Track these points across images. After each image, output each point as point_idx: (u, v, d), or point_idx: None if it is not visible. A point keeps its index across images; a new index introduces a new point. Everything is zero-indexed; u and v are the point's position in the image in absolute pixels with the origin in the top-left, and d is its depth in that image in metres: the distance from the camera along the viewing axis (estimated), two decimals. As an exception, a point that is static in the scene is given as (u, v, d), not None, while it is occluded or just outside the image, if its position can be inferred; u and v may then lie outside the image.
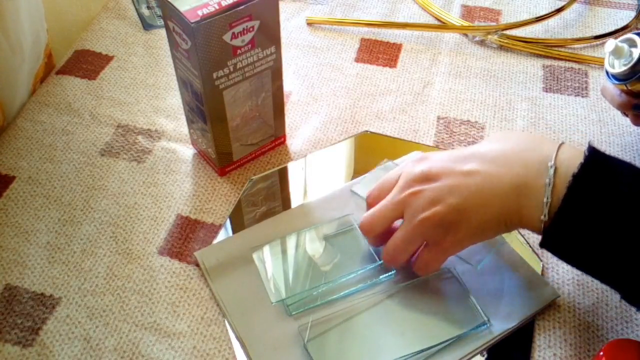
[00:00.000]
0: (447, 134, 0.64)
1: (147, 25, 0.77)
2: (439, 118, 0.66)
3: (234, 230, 0.55)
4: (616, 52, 0.51)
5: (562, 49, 0.73)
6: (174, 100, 0.67)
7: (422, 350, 0.47)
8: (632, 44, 0.51)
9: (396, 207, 0.47)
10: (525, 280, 0.51)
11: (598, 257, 0.42)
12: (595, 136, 0.63)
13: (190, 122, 0.59)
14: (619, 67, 0.51)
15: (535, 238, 0.55)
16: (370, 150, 0.63)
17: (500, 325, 0.48)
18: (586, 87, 0.69)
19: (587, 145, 0.43)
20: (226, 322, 0.50)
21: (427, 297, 0.50)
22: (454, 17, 0.77)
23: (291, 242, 0.54)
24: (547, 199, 0.42)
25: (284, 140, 0.63)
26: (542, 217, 0.42)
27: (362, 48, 0.74)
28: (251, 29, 0.50)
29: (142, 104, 0.67)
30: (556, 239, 0.43)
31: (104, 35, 0.75)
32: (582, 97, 0.68)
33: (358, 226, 0.54)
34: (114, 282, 0.52)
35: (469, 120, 0.65)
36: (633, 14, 0.78)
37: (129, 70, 0.71)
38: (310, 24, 0.77)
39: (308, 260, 0.53)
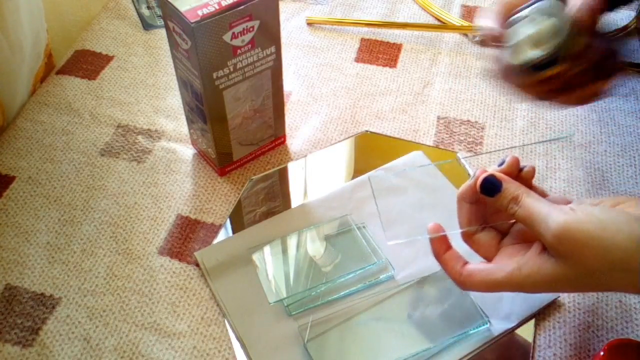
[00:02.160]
0: (447, 133, 0.64)
1: (147, 25, 0.77)
2: (439, 118, 0.66)
3: (234, 230, 0.55)
4: (536, 37, 0.42)
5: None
6: (174, 100, 0.67)
7: (422, 351, 0.47)
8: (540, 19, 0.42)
9: None
10: (525, 280, 0.51)
11: None
12: (595, 136, 0.63)
13: (190, 122, 0.59)
14: (537, 53, 0.42)
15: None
16: (370, 150, 0.63)
17: (500, 325, 0.48)
18: (586, 87, 0.69)
19: None
20: (226, 322, 0.50)
21: (427, 297, 0.50)
22: (454, 17, 0.77)
23: (291, 242, 0.54)
24: None
25: (284, 140, 0.63)
26: None
27: (362, 48, 0.74)
28: (251, 29, 0.50)
29: (142, 104, 0.67)
30: None
31: (104, 35, 0.75)
32: (582, 97, 0.68)
33: (356, 227, 0.54)
34: (114, 282, 0.52)
35: (469, 120, 0.65)
36: (633, 14, 0.78)
37: (129, 70, 0.71)
38: (310, 24, 0.77)
39: (308, 260, 0.53)
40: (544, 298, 0.50)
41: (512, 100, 0.67)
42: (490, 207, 0.44)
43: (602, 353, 0.44)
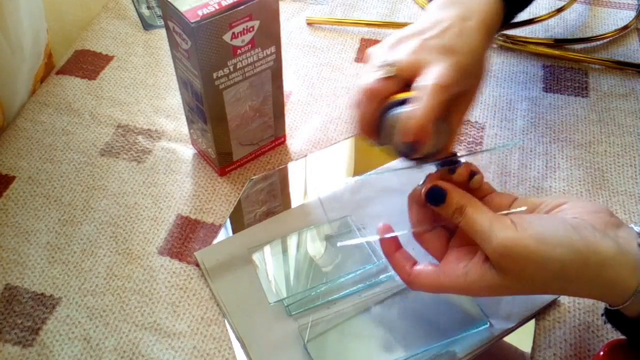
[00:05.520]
0: (447, 134, 0.64)
1: (147, 25, 0.77)
2: (439, 118, 0.65)
3: (234, 230, 0.55)
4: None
5: (562, 49, 0.73)
6: (174, 100, 0.67)
7: (423, 351, 0.47)
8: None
9: None
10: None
11: None
12: (596, 136, 0.63)
13: (190, 122, 0.59)
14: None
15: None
16: (370, 150, 0.63)
17: (500, 325, 0.48)
18: (586, 87, 0.69)
19: None
20: (226, 322, 0.50)
21: (427, 297, 0.50)
22: (454, 17, 0.77)
23: (291, 242, 0.54)
24: None
25: (284, 140, 0.63)
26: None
27: (362, 48, 0.74)
28: (251, 29, 0.50)
29: (142, 104, 0.67)
30: None
31: (104, 35, 0.75)
32: (582, 97, 0.68)
33: (356, 228, 0.55)
34: (114, 282, 0.52)
35: (469, 120, 0.65)
36: (633, 14, 0.78)
37: (129, 70, 0.71)
38: (310, 24, 0.77)
39: (308, 260, 0.53)
40: (544, 298, 0.50)
41: (512, 100, 0.67)
42: None
43: (602, 353, 0.44)
